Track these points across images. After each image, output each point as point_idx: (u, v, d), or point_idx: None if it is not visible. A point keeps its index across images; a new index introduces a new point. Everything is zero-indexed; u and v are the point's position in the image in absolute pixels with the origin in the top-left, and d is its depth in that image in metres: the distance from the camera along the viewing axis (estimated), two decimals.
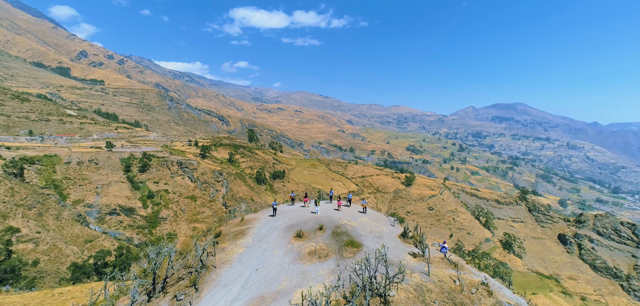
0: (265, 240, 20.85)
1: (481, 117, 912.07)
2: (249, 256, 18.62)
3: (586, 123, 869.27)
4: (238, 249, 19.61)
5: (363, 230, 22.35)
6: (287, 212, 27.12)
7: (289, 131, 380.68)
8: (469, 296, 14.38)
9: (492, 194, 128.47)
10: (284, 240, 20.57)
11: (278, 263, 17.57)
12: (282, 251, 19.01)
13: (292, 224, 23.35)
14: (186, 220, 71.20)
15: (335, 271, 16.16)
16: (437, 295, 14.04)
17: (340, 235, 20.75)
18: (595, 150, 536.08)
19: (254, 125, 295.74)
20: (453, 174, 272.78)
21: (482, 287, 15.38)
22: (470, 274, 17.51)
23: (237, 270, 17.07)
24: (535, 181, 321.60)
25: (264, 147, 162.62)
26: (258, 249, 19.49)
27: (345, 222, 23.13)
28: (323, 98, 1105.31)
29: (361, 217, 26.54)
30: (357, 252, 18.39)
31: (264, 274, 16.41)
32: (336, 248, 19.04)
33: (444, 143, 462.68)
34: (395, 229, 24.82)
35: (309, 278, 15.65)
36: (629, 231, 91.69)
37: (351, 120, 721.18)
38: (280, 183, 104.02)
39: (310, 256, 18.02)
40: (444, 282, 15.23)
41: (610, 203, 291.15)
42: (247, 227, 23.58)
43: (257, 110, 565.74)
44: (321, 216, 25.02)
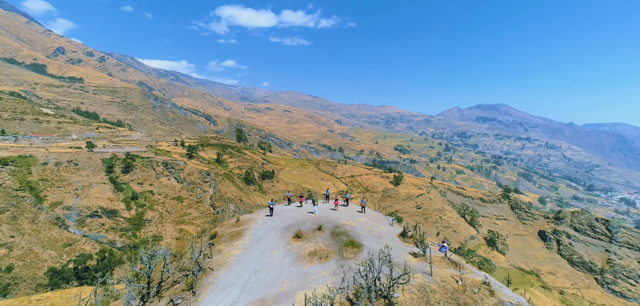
0: (263, 241, 20.46)
1: (466, 117, 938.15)
2: (247, 258, 18.22)
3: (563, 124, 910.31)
4: (235, 251, 19.16)
5: (362, 230, 22.20)
6: (284, 212, 26.86)
7: (277, 131, 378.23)
8: (472, 296, 14.29)
9: (477, 193, 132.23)
10: (283, 241, 20.24)
11: (277, 264, 17.23)
12: (281, 252, 18.69)
13: (290, 224, 23.09)
14: (172, 222, 69.34)
15: (337, 273, 15.87)
16: (441, 295, 13.93)
17: (340, 235, 20.53)
18: (571, 150, 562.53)
19: (242, 125, 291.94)
20: (439, 173, 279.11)
21: (484, 287, 15.33)
22: (471, 273, 17.43)
23: (235, 273, 16.65)
24: (517, 179, 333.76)
25: (252, 147, 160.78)
26: (256, 250, 19.12)
27: (343, 222, 23.00)
28: (312, 98, 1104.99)
29: (360, 216, 26.39)
30: (357, 253, 18.22)
31: (263, 276, 16.06)
32: (336, 248, 18.80)
33: (431, 143, 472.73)
34: (394, 229, 24.76)
35: (310, 279, 15.39)
36: (603, 227, 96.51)
37: (340, 120, 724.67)
38: (270, 183, 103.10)
39: (310, 258, 17.75)
40: (447, 282, 15.13)
41: (585, 200, 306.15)
42: (244, 227, 23.12)
43: (245, 110, 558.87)
44: (319, 216, 24.84)
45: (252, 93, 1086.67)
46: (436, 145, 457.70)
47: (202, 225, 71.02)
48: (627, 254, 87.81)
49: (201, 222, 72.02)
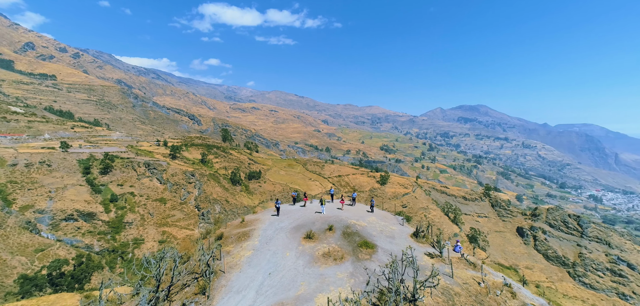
0: (273, 242, 20.01)
1: (448, 117, 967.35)
2: (259, 260, 17.72)
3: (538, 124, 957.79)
4: (245, 252, 18.66)
5: (373, 230, 21.89)
6: (290, 212, 26.49)
7: (264, 131, 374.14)
8: (495, 299, 13.89)
9: (459, 191, 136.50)
10: (294, 242, 19.80)
11: (292, 266, 16.78)
12: (294, 253, 18.24)
13: (298, 225, 22.65)
14: (155, 224, 66.90)
15: (354, 275, 15.43)
16: (466, 298, 13.52)
17: (352, 235, 20.19)
18: (545, 149, 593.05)
19: (228, 125, 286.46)
20: (424, 172, 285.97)
21: (505, 288, 14.93)
22: (490, 274, 17.00)
23: (248, 275, 16.15)
24: (496, 178, 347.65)
25: (239, 147, 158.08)
26: (267, 252, 18.62)
27: (354, 222, 22.70)
28: (299, 98, 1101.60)
29: (369, 216, 26.16)
30: (372, 253, 17.88)
31: (278, 278, 15.58)
32: (350, 249, 18.40)
33: (415, 142, 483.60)
34: (405, 229, 24.60)
35: (327, 282, 14.92)
36: (575, 222, 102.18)
37: (327, 120, 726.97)
38: (257, 183, 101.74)
39: (325, 259, 17.29)
40: (469, 285, 14.72)
41: (558, 197, 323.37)
42: (250, 228, 22.63)
43: (231, 109, 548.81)
44: (328, 216, 24.60)
45: (238, 93, 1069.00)
46: (420, 144, 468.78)
47: (187, 226, 69.10)
48: (596, 248, 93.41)
49: (186, 223, 70.03)
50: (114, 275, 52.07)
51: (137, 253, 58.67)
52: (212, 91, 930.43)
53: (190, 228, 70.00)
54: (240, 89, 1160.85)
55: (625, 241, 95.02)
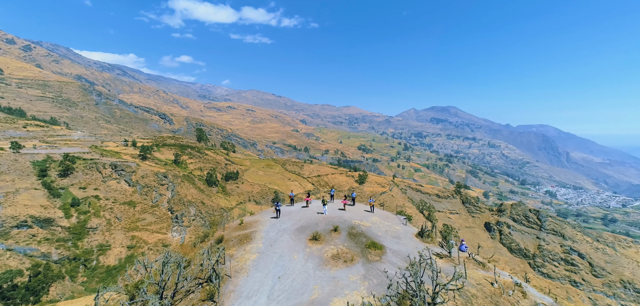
0: (277, 244, 19.41)
1: (421, 118, 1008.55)
2: (266, 263, 17.10)
3: (501, 125, 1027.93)
4: (250, 255, 17.99)
5: (378, 231, 21.72)
6: (291, 214, 25.98)
7: (241, 130, 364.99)
8: (509, 299, 13.83)
9: (433, 189, 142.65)
10: (300, 244, 19.29)
11: (301, 269, 16.25)
12: (302, 255, 17.72)
13: (302, 226, 22.14)
14: (123, 229, 62.56)
15: (367, 277, 15.05)
16: (483, 300, 13.34)
17: (357, 236, 19.91)
18: (508, 149, 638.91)
19: (203, 124, 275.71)
20: (399, 171, 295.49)
21: (517, 288, 14.90)
22: (498, 274, 16.87)
23: (256, 279, 15.48)
24: (466, 176, 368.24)
25: (215, 147, 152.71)
26: (273, 254, 18.01)
27: (358, 223, 22.39)
28: (276, 98, 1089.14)
29: (371, 216, 26.02)
30: (381, 255, 17.65)
31: (289, 282, 15.02)
32: (358, 251, 18.05)
33: (391, 142, 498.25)
34: (409, 228, 24.57)
35: (340, 285, 14.48)
36: (535, 217, 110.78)
37: (305, 120, 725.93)
38: (234, 184, 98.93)
39: (334, 261, 16.86)
40: (483, 285, 14.57)
41: (520, 193, 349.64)
42: (251, 230, 21.89)
43: (205, 109, 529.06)
44: (330, 216, 24.25)
45: (212, 92, 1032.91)
46: (396, 144, 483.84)
47: (159, 230, 65.47)
48: (553, 240, 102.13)
49: (158, 227, 66.29)
50: (76, 284, 47.99)
51: (103, 260, 54.59)
52: (185, 89, 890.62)
53: (163, 232, 66.42)
54: (215, 88, 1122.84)
55: (577, 232, 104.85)
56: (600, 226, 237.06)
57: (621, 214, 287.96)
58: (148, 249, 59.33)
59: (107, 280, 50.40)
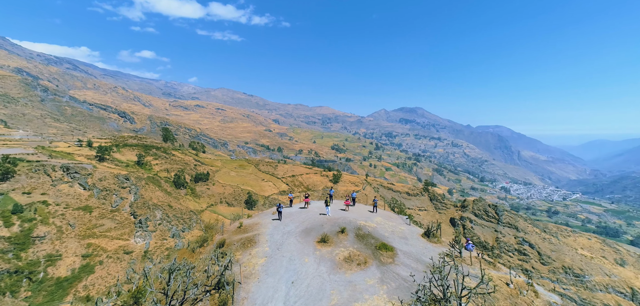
0: (285, 247, 18.56)
1: (391, 118, 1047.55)
2: (276, 267, 16.32)
3: (463, 126, 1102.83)
4: (258, 259, 17.15)
5: (385, 231, 21.44)
6: (292, 215, 25.24)
7: (210, 130, 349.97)
8: (524, 299, 13.71)
9: (403, 187, 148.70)
10: (308, 247, 18.60)
11: (314, 273, 15.54)
12: (313, 259, 17.05)
13: (307, 228, 21.38)
14: (77, 236, 56.69)
15: (384, 280, 14.55)
16: (503, 302, 13.13)
17: (365, 237, 19.51)
18: (469, 148, 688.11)
19: (169, 123, 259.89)
20: (371, 170, 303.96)
21: (529, 287, 14.88)
22: (513, 274, 16.73)
23: (269, 285, 14.66)
24: (432, 174, 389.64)
25: (183, 148, 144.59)
26: (282, 258, 17.20)
27: (363, 223, 21.95)
28: (248, 97, 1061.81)
29: (374, 216, 25.77)
30: (394, 256, 17.31)
31: (304, 288, 14.32)
32: (369, 253, 17.61)
33: (363, 142, 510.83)
34: (414, 228, 24.41)
35: (358, 289, 13.92)
36: (493, 211, 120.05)
37: (278, 120, 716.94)
38: (204, 186, 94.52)
39: (348, 264, 16.31)
40: (499, 286, 14.37)
41: (479, 190, 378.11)
42: (254, 233, 20.90)
43: (171, 107, 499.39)
44: (335, 217, 23.70)
45: (178, 89, 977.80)
46: (368, 144, 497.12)
47: (120, 236, 60.37)
48: (508, 232, 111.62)
49: (118, 233, 61.08)
50: (18, 300, 42.50)
51: (52, 271, 48.97)
52: (147, 86, 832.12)
53: (124, 238, 61.37)
54: (181, 85, 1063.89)
55: (528, 225, 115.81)
56: (545, 218, 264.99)
57: (562, 206, 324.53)
58: (107, 257, 54.49)
59: (57, 293, 45.41)
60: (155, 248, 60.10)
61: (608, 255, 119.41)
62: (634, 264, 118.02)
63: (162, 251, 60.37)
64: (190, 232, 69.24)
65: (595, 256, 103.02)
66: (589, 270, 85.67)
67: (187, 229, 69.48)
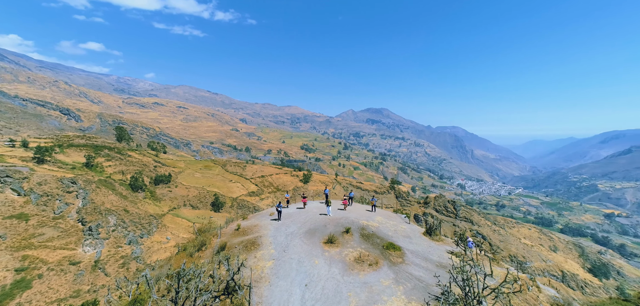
0: (291, 249, 17.93)
1: (359, 119, 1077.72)
2: (286, 270, 15.66)
3: (424, 126, 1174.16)
4: (265, 262, 16.47)
5: (388, 231, 21.27)
6: (291, 216, 24.57)
7: (172, 129, 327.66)
8: (531, 295, 13.87)
9: (371, 186, 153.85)
10: (316, 248, 18.08)
11: (327, 275, 15.09)
12: (323, 260, 16.57)
13: (310, 229, 20.82)
14: (9, 248, 49.24)
15: (399, 281, 14.27)
16: (521, 301, 13.05)
17: (370, 237, 19.25)
18: (430, 147, 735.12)
19: (122, 122, 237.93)
20: (340, 170, 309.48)
21: (533, 284, 15.07)
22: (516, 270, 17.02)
23: (282, 288, 14.10)
24: (397, 172, 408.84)
25: (140, 148, 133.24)
26: (291, 260, 16.58)
27: (366, 223, 21.61)
28: (212, 95, 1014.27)
29: (374, 216, 25.54)
30: (402, 256, 17.18)
31: (319, 290, 13.83)
32: (378, 253, 17.38)
33: (332, 142, 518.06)
34: (414, 227, 24.40)
35: (375, 291, 13.61)
36: (452, 206, 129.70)
37: (245, 119, 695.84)
38: (166, 188, 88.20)
39: (359, 265, 15.99)
40: (507, 282, 13.63)
41: (439, 187, 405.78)
42: (255, 235, 20.00)
43: (125, 104, 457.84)
44: (336, 217, 23.32)
45: (133, 85, 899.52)
46: (337, 144, 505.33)
47: (64, 246, 53.77)
48: (464, 226, 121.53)
49: (63, 242, 54.34)
50: None
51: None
52: (96, 81, 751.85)
53: (70, 248, 54.77)
54: (136, 81, 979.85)
55: (481, 218, 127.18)
56: (494, 211, 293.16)
57: (508, 200, 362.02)
58: (48, 270, 48.17)
59: None
60: (109, 257, 54.64)
61: (544, 242, 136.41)
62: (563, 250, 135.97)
63: (116, 260, 55.12)
64: (150, 238, 64.22)
65: (534, 244, 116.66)
66: (529, 256, 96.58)
67: (146, 235, 64.26)
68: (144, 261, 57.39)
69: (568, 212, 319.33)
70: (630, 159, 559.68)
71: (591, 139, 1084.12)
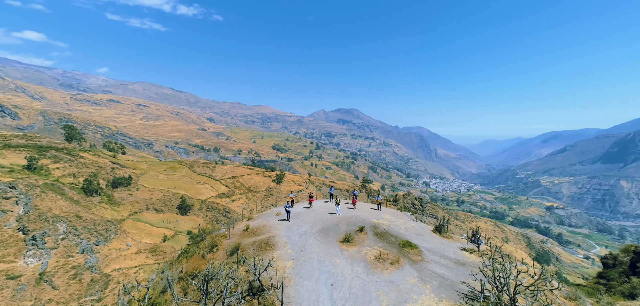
0: (308, 248, 17.47)
1: (330, 119, 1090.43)
2: (309, 270, 15.25)
3: (392, 126, 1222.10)
4: (284, 262, 16.10)
5: (399, 229, 21.18)
6: (299, 216, 24.03)
7: (130, 129, 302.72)
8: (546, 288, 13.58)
9: (344, 185, 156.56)
10: (333, 247, 17.72)
11: (351, 274, 14.81)
12: (344, 259, 16.22)
13: (323, 228, 20.41)
14: None
15: (425, 279, 14.09)
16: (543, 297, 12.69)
17: (384, 235, 19.09)
18: (397, 147, 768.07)
19: (72, 120, 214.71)
20: (313, 170, 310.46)
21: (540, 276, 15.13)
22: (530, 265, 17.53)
23: (308, 288, 14.04)
24: (367, 171, 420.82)
25: (95, 149, 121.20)
26: (310, 260, 16.16)
27: (377, 221, 21.38)
28: (176, 93, 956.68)
29: (382, 214, 25.28)
30: (421, 254, 17.10)
31: (346, 290, 13.57)
32: (396, 251, 17.18)
33: (304, 142, 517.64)
34: (422, 225, 24.36)
35: (403, 290, 13.36)
36: (419, 203, 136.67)
37: (213, 118, 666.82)
38: (126, 191, 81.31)
39: (381, 264, 15.75)
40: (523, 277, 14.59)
41: (406, 185, 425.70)
42: (268, 235, 19.51)
43: (74, 101, 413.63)
44: (347, 216, 22.97)
45: (83, 81, 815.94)
46: (309, 144, 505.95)
47: (1, 258, 47.10)
48: (430, 221, 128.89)
49: None
50: None
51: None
52: (36, 75, 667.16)
53: (9, 260, 48.15)
54: (86, 76, 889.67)
55: (444, 213, 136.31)
56: (456, 207, 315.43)
57: (467, 196, 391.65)
58: None
59: None
60: (57, 268, 49.03)
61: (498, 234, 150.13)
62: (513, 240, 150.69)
63: (66, 271, 49.67)
64: (108, 245, 58.89)
65: (490, 237, 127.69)
66: None
67: (103, 242, 58.78)
68: (101, 271, 52.50)
69: (517, 205, 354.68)
70: (565, 157, 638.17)
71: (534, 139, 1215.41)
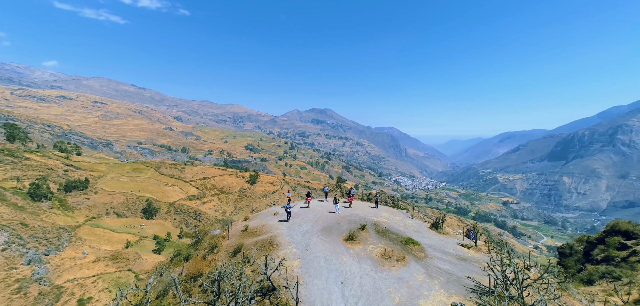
0: (313, 247, 17.34)
1: (304, 119, 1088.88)
2: (316, 269, 15.17)
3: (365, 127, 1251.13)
4: (291, 262, 15.97)
5: (398, 226, 21.22)
6: (298, 215, 23.90)
7: (86, 128, 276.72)
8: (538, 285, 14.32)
9: (319, 185, 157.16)
10: (338, 245, 17.68)
11: (360, 272, 14.83)
12: (350, 257, 16.20)
13: (324, 227, 20.33)
14: None
15: (432, 275, 14.19)
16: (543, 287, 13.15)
17: (385, 233, 19.12)
18: (370, 147, 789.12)
19: (13, 118, 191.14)
20: (287, 170, 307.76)
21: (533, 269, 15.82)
22: None
23: (319, 286, 14.02)
24: (341, 171, 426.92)
25: (44, 149, 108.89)
26: (317, 259, 16.04)
27: (376, 219, 21.39)
28: (138, 90, 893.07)
29: (380, 211, 25.35)
30: (423, 250, 17.28)
31: (357, 288, 13.83)
32: (399, 248, 17.26)
33: (278, 142, 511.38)
34: (419, 221, 24.66)
35: (413, 286, 13.41)
36: (391, 201, 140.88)
37: (181, 117, 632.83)
38: (82, 196, 74.25)
39: (388, 261, 15.73)
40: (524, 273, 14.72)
41: (379, 183, 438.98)
42: (270, 235, 19.23)
43: (15, 97, 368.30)
44: (346, 215, 22.97)
45: (27, 74, 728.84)
46: (283, 144, 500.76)
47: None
48: (418, 217, 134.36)
49: None
50: None
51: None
52: None
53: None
54: (30, 70, 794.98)
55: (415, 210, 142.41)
56: (424, 204, 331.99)
57: (434, 194, 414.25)
58: None
59: None
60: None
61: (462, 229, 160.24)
62: None
63: (8, 285, 44.24)
64: (60, 254, 53.44)
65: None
66: None
67: (54, 251, 53.20)
68: (51, 283, 47.49)
69: (478, 201, 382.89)
70: (518, 155, 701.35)
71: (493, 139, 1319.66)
